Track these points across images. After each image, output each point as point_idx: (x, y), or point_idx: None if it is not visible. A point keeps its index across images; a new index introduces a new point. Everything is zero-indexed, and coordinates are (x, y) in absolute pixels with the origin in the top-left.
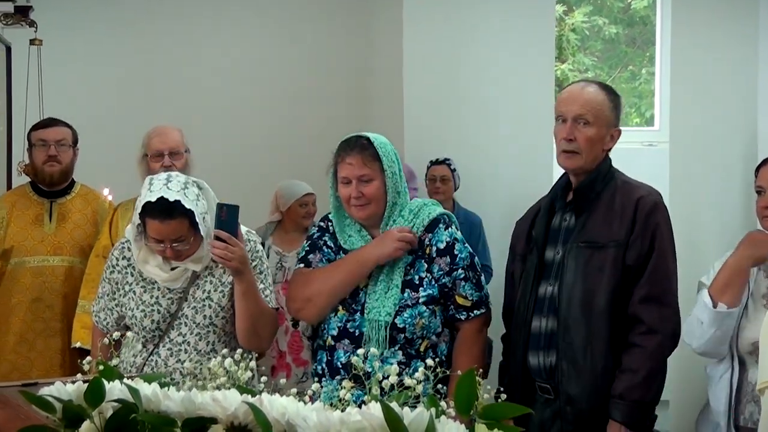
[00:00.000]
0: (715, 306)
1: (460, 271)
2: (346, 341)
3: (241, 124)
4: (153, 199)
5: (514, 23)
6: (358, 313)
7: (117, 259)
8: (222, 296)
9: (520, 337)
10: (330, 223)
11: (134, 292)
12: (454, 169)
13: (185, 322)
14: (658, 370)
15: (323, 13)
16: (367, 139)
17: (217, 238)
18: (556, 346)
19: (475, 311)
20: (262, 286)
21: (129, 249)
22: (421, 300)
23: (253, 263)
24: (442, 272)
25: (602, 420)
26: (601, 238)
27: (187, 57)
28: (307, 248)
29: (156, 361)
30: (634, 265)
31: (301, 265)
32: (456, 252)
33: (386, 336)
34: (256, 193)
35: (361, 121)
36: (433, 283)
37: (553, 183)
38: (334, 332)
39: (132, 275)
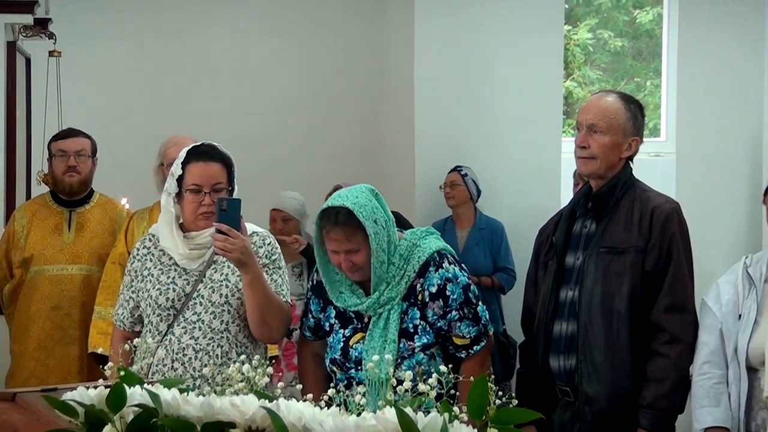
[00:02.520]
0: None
1: (454, 312)
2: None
3: (254, 131)
4: (197, 143)
5: (523, 37)
6: (354, 370)
7: (138, 249)
8: (239, 279)
9: (540, 341)
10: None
11: (152, 275)
12: (465, 174)
13: (200, 302)
14: (683, 379)
15: (337, 22)
16: (348, 210)
17: (219, 231)
18: (576, 349)
19: (474, 347)
20: (280, 280)
21: (150, 239)
22: (417, 349)
23: (272, 257)
24: (436, 316)
25: (619, 421)
26: (621, 243)
27: (202, 67)
28: (303, 308)
29: (170, 339)
30: (651, 272)
31: (308, 332)
32: (448, 293)
33: (388, 390)
34: (264, 196)
35: (373, 130)
36: (428, 329)
37: (560, 192)
38: (344, 383)
39: (151, 261)
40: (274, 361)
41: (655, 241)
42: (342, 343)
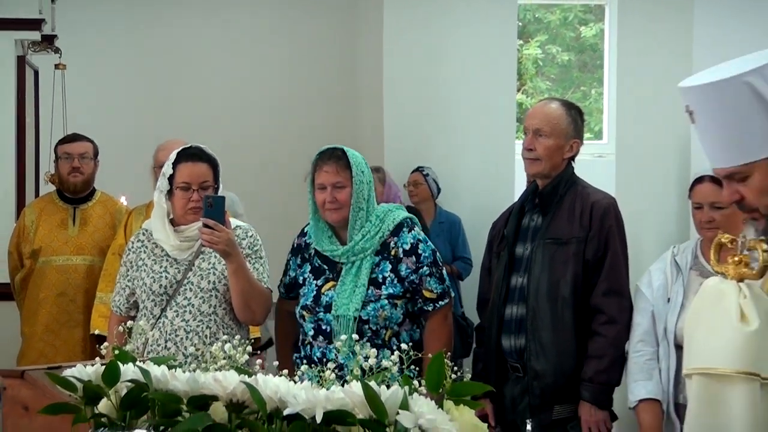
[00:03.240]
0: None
1: (425, 268)
2: (321, 338)
3: (231, 133)
4: (187, 146)
5: (481, 51)
6: (322, 312)
7: (132, 243)
8: (225, 268)
9: (494, 323)
10: (303, 239)
11: (146, 265)
12: (427, 174)
13: (190, 288)
14: (620, 356)
15: (311, 31)
16: (342, 150)
17: (206, 225)
18: (526, 330)
19: (440, 302)
20: (261, 269)
21: (144, 234)
22: (383, 296)
23: (254, 248)
24: (409, 270)
25: (564, 394)
26: (564, 235)
27: (190, 77)
28: (285, 268)
29: (163, 321)
30: (591, 260)
31: (282, 288)
32: (420, 252)
33: (354, 328)
34: (238, 188)
35: (345, 133)
36: (396, 282)
37: (513, 190)
38: (312, 332)
39: (145, 252)
40: (254, 341)
41: (594, 233)
42: (315, 291)
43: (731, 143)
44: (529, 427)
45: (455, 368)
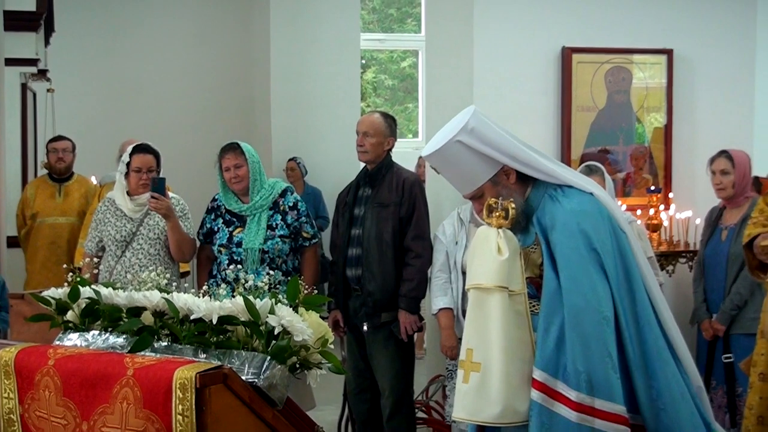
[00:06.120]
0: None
1: (303, 218)
2: (233, 265)
3: (170, 130)
4: (139, 143)
5: (337, 76)
6: (235, 247)
7: (100, 207)
8: (165, 225)
9: (340, 260)
10: (215, 203)
11: (110, 221)
12: (299, 162)
13: (142, 237)
14: (423, 279)
15: (217, 50)
16: (237, 143)
17: (153, 197)
18: (362, 264)
19: (312, 240)
20: (189, 225)
21: (108, 201)
22: (277, 236)
23: (184, 212)
24: (293, 219)
25: (388, 305)
26: (386, 200)
27: (139, 94)
28: (201, 223)
29: (123, 259)
30: (404, 217)
31: (201, 237)
32: (299, 207)
33: (259, 257)
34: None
35: (243, 130)
36: (284, 227)
37: (358, 172)
38: (226, 262)
39: (110, 213)
40: (185, 273)
41: (405, 199)
42: (228, 234)
43: (465, 179)
44: (365, 327)
45: (315, 288)
